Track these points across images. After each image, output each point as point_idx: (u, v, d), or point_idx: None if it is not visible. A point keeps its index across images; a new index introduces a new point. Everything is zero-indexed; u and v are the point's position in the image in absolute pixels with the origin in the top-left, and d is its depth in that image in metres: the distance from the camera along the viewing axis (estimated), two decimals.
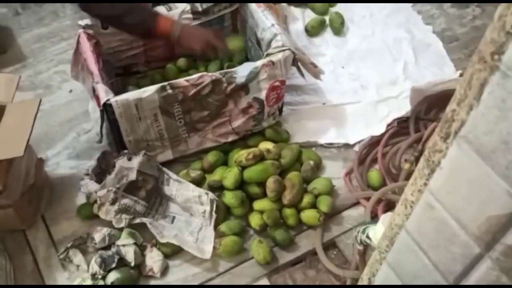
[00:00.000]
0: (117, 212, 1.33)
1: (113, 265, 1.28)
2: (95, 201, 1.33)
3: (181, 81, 1.39)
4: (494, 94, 0.38)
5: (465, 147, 0.42)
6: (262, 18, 1.57)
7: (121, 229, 1.35)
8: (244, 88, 1.45)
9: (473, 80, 0.42)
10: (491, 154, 0.40)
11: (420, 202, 0.51)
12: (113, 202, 1.32)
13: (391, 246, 0.64)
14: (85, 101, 1.65)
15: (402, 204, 0.60)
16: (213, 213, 1.38)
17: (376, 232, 0.87)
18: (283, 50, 1.46)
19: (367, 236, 0.92)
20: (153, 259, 1.33)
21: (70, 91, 1.78)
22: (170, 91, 1.36)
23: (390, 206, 1.46)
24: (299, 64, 1.52)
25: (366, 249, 1.02)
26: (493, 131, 0.39)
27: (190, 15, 1.64)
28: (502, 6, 0.37)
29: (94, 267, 1.27)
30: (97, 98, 1.36)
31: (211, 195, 1.39)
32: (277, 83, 1.49)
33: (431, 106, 1.67)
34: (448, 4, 2.11)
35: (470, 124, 0.41)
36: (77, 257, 1.34)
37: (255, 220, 1.39)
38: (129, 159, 1.37)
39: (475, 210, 0.44)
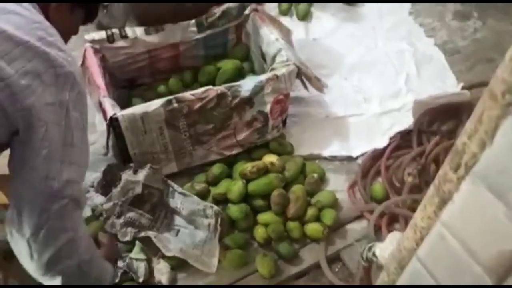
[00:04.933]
0: (122, 226, 1.34)
1: (117, 280, 1.28)
2: (101, 214, 1.34)
3: (187, 95, 1.40)
4: (508, 137, 0.39)
5: (479, 184, 0.44)
6: (267, 32, 1.58)
7: (126, 243, 1.36)
8: (249, 101, 1.47)
9: (483, 116, 0.43)
10: (505, 193, 0.41)
11: (432, 232, 0.52)
12: (118, 216, 1.33)
13: (400, 269, 0.65)
14: (91, 114, 1.65)
15: (412, 229, 0.61)
16: (218, 226, 1.39)
17: (383, 251, 0.88)
18: (288, 65, 1.47)
19: (374, 254, 0.93)
20: (161, 271, 1.34)
21: None
22: (175, 105, 1.37)
23: (393, 219, 1.47)
24: (303, 77, 1.54)
25: (371, 266, 1.03)
26: (507, 170, 0.40)
27: (195, 28, 1.66)
28: None
29: None
30: (103, 111, 1.37)
31: (215, 208, 1.40)
32: (281, 97, 1.50)
33: (433, 119, 1.69)
34: (450, 17, 2.13)
35: (484, 163, 0.43)
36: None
37: (259, 233, 1.40)
38: (135, 172, 1.38)
39: (487, 244, 0.45)
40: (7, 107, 0.80)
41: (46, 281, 0.95)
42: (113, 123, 1.34)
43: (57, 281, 0.94)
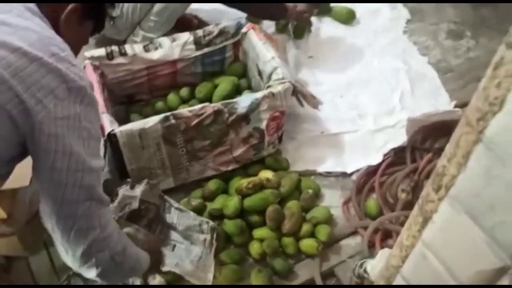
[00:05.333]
0: None
1: None
2: None
3: (184, 111, 1.43)
4: (480, 163, 0.41)
5: (456, 206, 0.46)
6: (263, 50, 1.62)
7: None
8: (245, 118, 1.49)
9: (461, 141, 0.46)
10: (479, 215, 0.43)
11: (414, 250, 0.54)
12: None
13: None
14: None
15: (398, 247, 0.63)
16: (214, 242, 1.40)
17: (374, 267, 0.90)
18: (283, 83, 1.50)
19: (365, 270, 0.94)
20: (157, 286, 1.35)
21: None
22: (173, 121, 1.40)
23: (387, 235, 1.49)
24: (299, 95, 1.57)
25: (363, 282, 1.05)
26: (480, 195, 0.42)
27: (193, 46, 1.69)
28: (486, 79, 0.41)
29: None
30: (101, 127, 1.39)
31: (211, 223, 1.42)
32: (277, 114, 1.53)
33: (426, 136, 1.71)
34: (443, 36, 2.17)
35: (459, 186, 0.45)
36: (79, 285, 1.36)
37: (254, 248, 1.42)
38: (132, 188, 1.39)
39: (465, 264, 0.47)
40: (19, 122, 0.82)
41: (84, 272, 0.99)
42: (111, 139, 1.36)
43: (93, 272, 0.98)
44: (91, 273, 0.98)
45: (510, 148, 0.38)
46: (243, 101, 1.48)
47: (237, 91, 1.74)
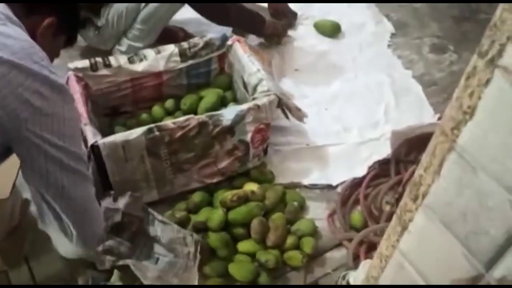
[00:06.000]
0: (100, 254, 1.33)
1: None
2: None
3: (168, 123, 1.42)
4: (452, 172, 0.41)
5: (430, 215, 0.46)
6: (248, 63, 1.62)
7: (105, 272, 1.35)
8: (230, 130, 1.49)
9: (436, 150, 0.46)
10: (452, 224, 0.43)
11: (392, 260, 0.54)
12: (97, 244, 1.32)
13: None
14: None
15: (378, 258, 0.63)
16: (198, 255, 1.38)
17: (356, 279, 0.90)
18: (268, 95, 1.51)
19: (347, 282, 0.94)
20: None
21: None
22: (157, 133, 1.39)
23: (371, 247, 1.49)
24: (284, 107, 1.57)
25: None
26: (453, 203, 0.42)
27: (178, 58, 1.69)
28: (459, 89, 0.41)
29: None
30: (84, 139, 1.38)
31: (195, 236, 1.40)
32: (262, 126, 1.53)
33: (411, 149, 1.72)
34: (427, 49, 2.21)
35: (433, 195, 0.45)
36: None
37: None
38: (115, 200, 1.38)
39: (441, 273, 0.47)
40: (5, 122, 0.89)
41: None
42: (94, 151, 1.35)
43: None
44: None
45: (480, 156, 0.38)
46: (228, 113, 1.48)
47: (222, 103, 1.74)
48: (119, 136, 1.37)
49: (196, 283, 1.35)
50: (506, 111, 0.37)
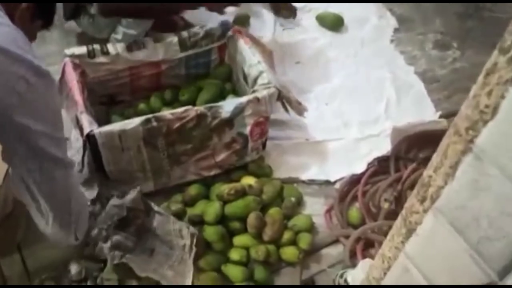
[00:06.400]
0: (110, 250, 1.31)
1: None
2: (87, 243, 1.32)
3: (166, 114, 1.39)
4: (467, 174, 0.39)
5: (440, 218, 0.44)
6: (249, 54, 1.60)
7: (99, 262, 1.33)
8: (228, 123, 1.47)
9: (448, 151, 0.44)
10: (464, 228, 0.41)
11: (396, 263, 0.52)
12: (105, 240, 1.31)
13: None
14: (68, 129, 1.63)
15: (380, 259, 0.61)
16: (193, 247, 1.37)
17: (354, 277, 0.88)
18: (269, 87, 1.48)
19: (345, 281, 0.92)
20: None
21: None
22: (154, 123, 1.37)
23: (369, 244, 1.47)
24: (284, 101, 1.55)
25: None
26: (466, 207, 0.40)
27: (178, 47, 1.66)
28: (476, 86, 0.39)
29: None
30: (80, 128, 1.36)
31: (191, 229, 1.38)
32: (261, 119, 1.51)
33: (411, 146, 1.71)
34: (430, 46, 2.18)
35: (445, 198, 0.43)
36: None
37: (238, 252, 1.38)
38: (122, 197, 1.36)
39: (449, 278, 0.45)
40: None
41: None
42: (90, 140, 1.32)
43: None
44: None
45: (502, 158, 0.36)
46: (227, 106, 1.45)
47: (221, 95, 1.71)
48: (116, 126, 1.34)
49: (191, 276, 1.33)
50: None
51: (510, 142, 0.34)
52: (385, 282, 0.56)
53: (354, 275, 0.88)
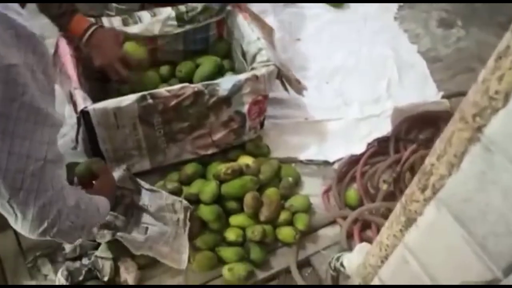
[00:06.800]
0: (99, 228, 1.29)
1: (80, 278, 1.25)
2: None
3: (162, 91, 1.36)
4: (475, 165, 0.37)
5: (443, 210, 0.41)
6: (248, 31, 1.55)
7: (93, 240, 1.32)
8: (226, 101, 1.43)
9: (453, 138, 0.41)
10: (469, 222, 0.39)
11: (395, 252, 0.50)
12: None
13: (364, 284, 0.63)
14: (63, 104, 1.60)
15: (377, 246, 0.59)
16: (187, 221, 1.35)
17: (350, 261, 0.87)
18: (268, 65, 1.44)
19: (341, 264, 0.91)
20: (128, 270, 1.31)
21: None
22: (150, 101, 1.33)
23: (366, 226, 1.46)
24: (283, 79, 1.51)
25: (339, 275, 1.01)
26: (472, 200, 0.38)
27: (175, 22, 1.61)
28: (486, 70, 0.36)
29: (61, 279, 1.24)
30: (74, 104, 1.32)
31: (184, 202, 1.37)
32: (260, 98, 1.47)
33: (411, 127, 1.68)
34: (434, 24, 2.13)
35: (449, 189, 0.40)
36: (46, 267, 1.31)
37: (235, 232, 1.37)
38: None
39: (450, 273, 0.43)
40: None
41: (40, 236, 0.91)
42: (84, 117, 1.29)
43: (50, 232, 0.91)
44: (47, 235, 0.91)
45: None
46: (225, 83, 1.41)
47: (219, 71, 1.67)
48: (111, 102, 1.31)
49: (187, 251, 1.32)
50: None
51: None
52: (382, 271, 0.55)
53: (350, 259, 0.86)
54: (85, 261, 1.31)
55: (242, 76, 1.42)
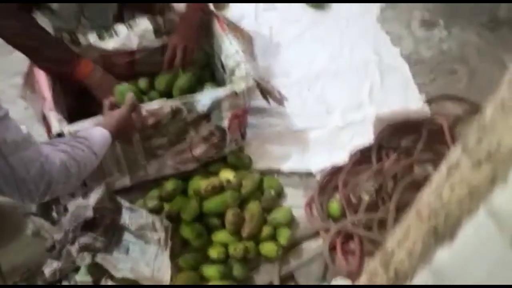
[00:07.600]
0: (78, 251, 1.29)
1: None
2: (53, 246, 1.29)
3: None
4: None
5: None
6: (226, 43, 1.53)
7: (73, 263, 1.31)
8: (205, 117, 1.42)
9: (410, 232, 0.40)
10: None
11: None
12: (72, 242, 1.28)
13: None
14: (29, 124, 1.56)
15: None
16: (169, 240, 1.35)
17: None
18: (247, 80, 1.42)
19: None
20: None
21: (26, 108, 1.68)
22: None
23: (348, 237, 1.46)
24: (264, 92, 1.49)
25: None
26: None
27: (153, 35, 1.58)
28: (438, 178, 0.35)
29: None
30: (47, 125, 1.30)
31: (165, 221, 1.36)
32: (239, 112, 1.46)
33: (393, 134, 1.68)
34: (416, 25, 2.11)
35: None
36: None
37: (217, 250, 1.37)
38: (85, 196, 1.32)
39: None
40: None
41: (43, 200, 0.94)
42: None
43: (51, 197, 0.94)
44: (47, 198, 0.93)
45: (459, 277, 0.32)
46: (204, 99, 1.39)
47: (199, 82, 1.64)
48: (87, 123, 1.29)
49: (169, 272, 1.32)
50: None
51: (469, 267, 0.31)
52: None
53: None
54: (65, 283, 1.30)
55: (221, 93, 1.40)
